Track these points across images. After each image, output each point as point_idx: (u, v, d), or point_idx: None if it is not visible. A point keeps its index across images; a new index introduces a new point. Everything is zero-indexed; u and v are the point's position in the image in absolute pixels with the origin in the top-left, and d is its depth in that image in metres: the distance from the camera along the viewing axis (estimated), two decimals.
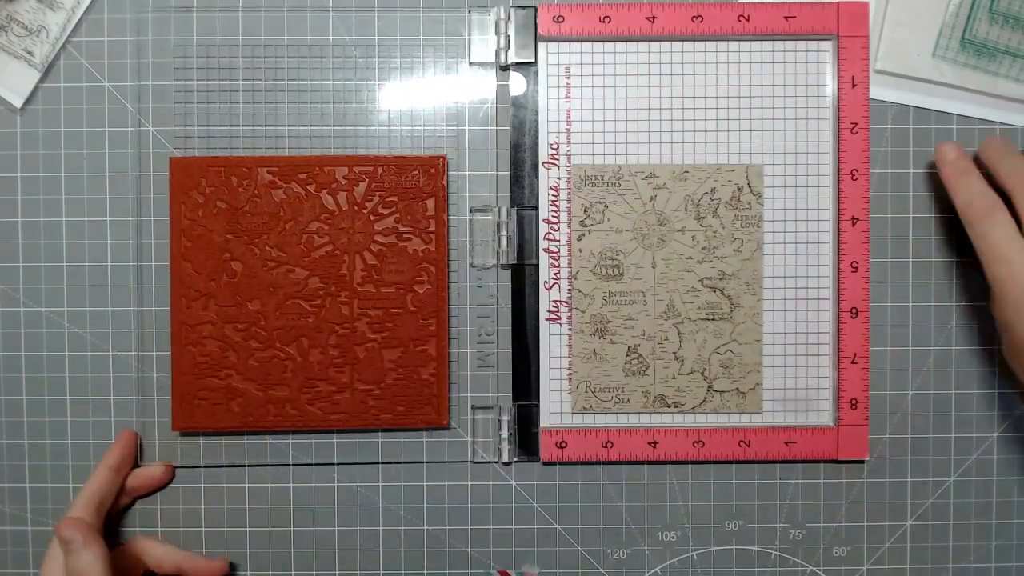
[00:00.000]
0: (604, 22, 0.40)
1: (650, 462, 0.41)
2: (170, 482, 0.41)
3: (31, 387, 0.41)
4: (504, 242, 0.41)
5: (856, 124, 0.40)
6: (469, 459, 0.41)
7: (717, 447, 0.41)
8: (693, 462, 0.42)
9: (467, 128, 0.41)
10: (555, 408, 0.41)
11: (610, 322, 0.41)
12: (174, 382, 0.40)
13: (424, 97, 0.41)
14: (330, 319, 0.40)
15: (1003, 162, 0.38)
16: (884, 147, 0.41)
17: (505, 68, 0.41)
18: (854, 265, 0.41)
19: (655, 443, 0.41)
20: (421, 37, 0.41)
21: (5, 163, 0.41)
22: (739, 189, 0.41)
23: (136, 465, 0.41)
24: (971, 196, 0.37)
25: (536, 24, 0.40)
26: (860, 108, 0.40)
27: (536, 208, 0.41)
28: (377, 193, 0.40)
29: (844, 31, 0.40)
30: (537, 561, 0.42)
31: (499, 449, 0.41)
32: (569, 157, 0.41)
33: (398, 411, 0.41)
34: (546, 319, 0.41)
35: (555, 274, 0.41)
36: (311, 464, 0.41)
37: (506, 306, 0.41)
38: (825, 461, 0.42)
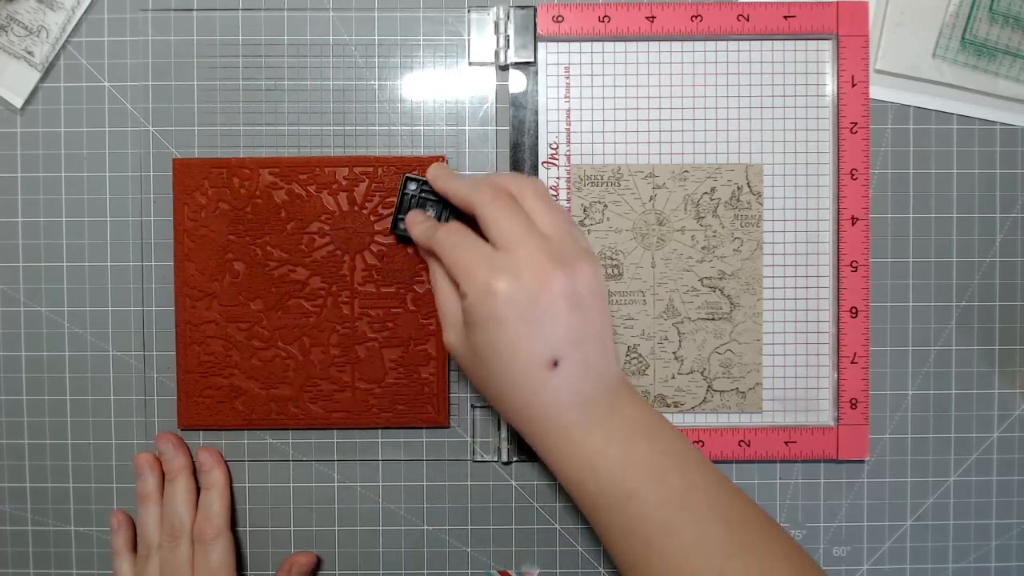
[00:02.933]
0: (603, 22, 0.40)
1: None
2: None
3: (31, 387, 0.41)
4: None
5: (856, 124, 0.40)
6: (469, 458, 0.41)
7: (717, 447, 0.41)
8: None
9: (467, 128, 0.41)
10: None
11: None
12: (179, 381, 0.41)
13: (424, 97, 0.41)
14: (331, 319, 0.40)
15: (462, 182, 0.36)
16: (884, 147, 0.41)
17: (505, 68, 0.41)
18: (854, 265, 0.41)
19: None
20: (421, 37, 0.41)
21: (5, 163, 0.41)
22: (739, 189, 0.41)
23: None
24: (477, 183, 0.35)
25: (535, 24, 0.40)
26: (860, 108, 0.40)
27: None
28: (377, 193, 0.40)
29: (844, 31, 0.40)
30: (537, 561, 0.42)
31: (499, 448, 0.41)
32: (568, 157, 0.41)
33: (398, 410, 0.41)
34: None
35: None
36: (311, 460, 0.41)
37: None
38: (825, 461, 0.42)
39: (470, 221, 0.35)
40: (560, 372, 0.33)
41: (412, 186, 0.39)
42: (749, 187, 0.41)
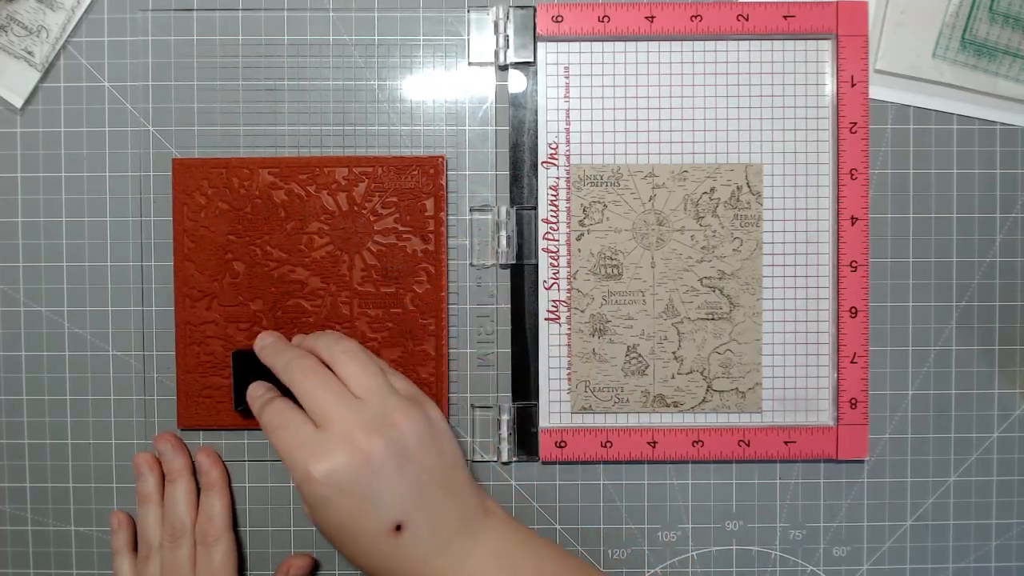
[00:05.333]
0: (603, 22, 0.40)
1: (650, 462, 0.41)
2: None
3: (31, 387, 0.41)
4: (503, 242, 0.41)
5: (855, 123, 0.40)
6: (469, 458, 0.41)
7: (717, 447, 0.41)
8: (693, 462, 0.42)
9: (466, 128, 0.41)
10: (554, 408, 0.41)
11: (609, 322, 0.41)
12: (179, 381, 0.41)
13: (423, 97, 0.41)
14: (330, 319, 0.40)
15: (279, 357, 0.37)
16: (884, 147, 0.41)
17: (504, 68, 0.41)
18: (854, 265, 0.41)
19: (654, 443, 0.41)
20: (421, 37, 0.41)
21: (5, 163, 0.41)
22: (738, 188, 0.41)
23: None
24: (290, 359, 0.36)
25: (535, 24, 0.40)
26: (859, 107, 0.40)
27: (535, 208, 0.41)
28: (377, 193, 0.40)
29: (843, 31, 0.40)
30: None
31: (498, 449, 0.41)
32: (568, 157, 0.41)
33: None
34: (545, 319, 0.41)
35: (554, 274, 0.41)
36: None
37: (505, 306, 0.41)
38: (825, 461, 0.42)
39: None
40: (407, 533, 0.33)
41: (240, 363, 0.39)
42: (749, 187, 0.41)
